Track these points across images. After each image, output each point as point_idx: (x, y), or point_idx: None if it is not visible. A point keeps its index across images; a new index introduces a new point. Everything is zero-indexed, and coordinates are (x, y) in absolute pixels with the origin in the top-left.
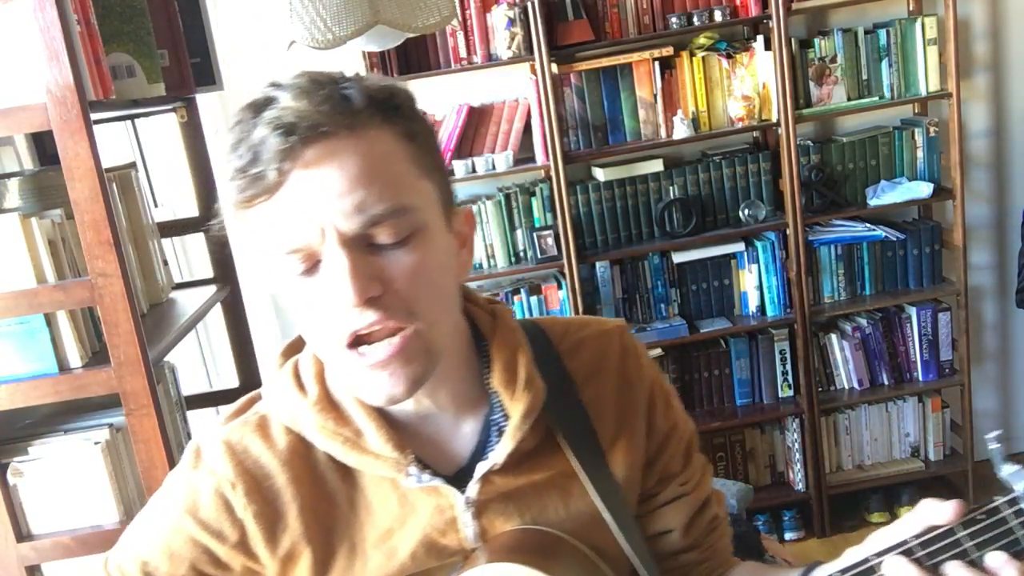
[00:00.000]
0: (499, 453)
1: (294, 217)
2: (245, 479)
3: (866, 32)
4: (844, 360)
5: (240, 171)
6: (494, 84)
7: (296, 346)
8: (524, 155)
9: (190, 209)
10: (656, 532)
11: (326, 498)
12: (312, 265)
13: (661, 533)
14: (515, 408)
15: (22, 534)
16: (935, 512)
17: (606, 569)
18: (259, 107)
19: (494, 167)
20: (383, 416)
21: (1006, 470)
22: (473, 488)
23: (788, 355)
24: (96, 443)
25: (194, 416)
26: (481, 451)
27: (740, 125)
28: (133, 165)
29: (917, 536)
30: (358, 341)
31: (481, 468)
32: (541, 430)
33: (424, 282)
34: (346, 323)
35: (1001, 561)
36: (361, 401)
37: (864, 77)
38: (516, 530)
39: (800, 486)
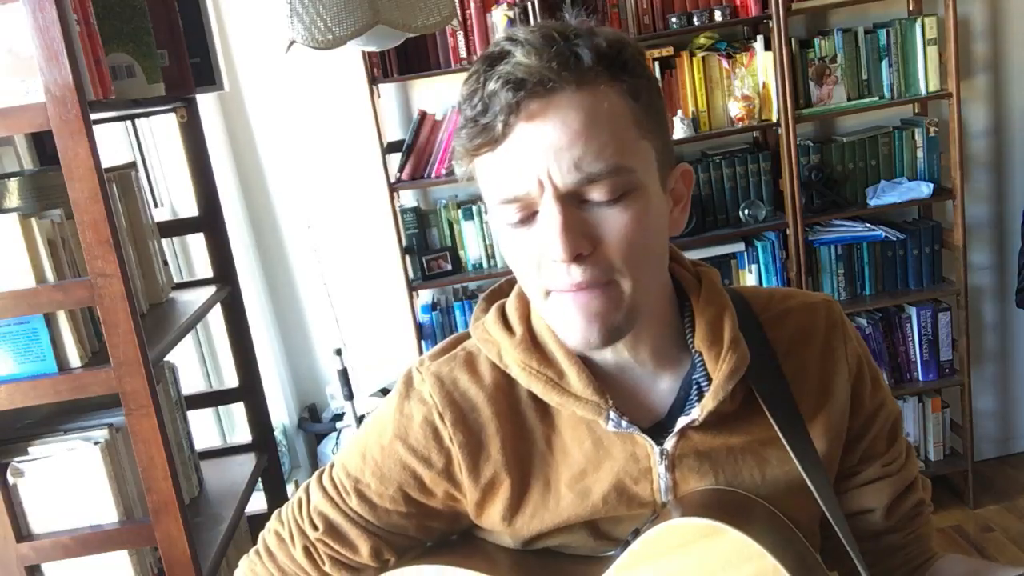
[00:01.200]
0: (700, 410)
1: (514, 167)
2: (453, 410)
3: (866, 32)
4: None
5: (471, 120)
6: None
7: (498, 292)
8: None
9: (190, 209)
10: (856, 511)
11: (526, 435)
12: (528, 215)
13: (861, 512)
14: (719, 368)
15: (22, 534)
16: None
17: (800, 537)
18: (494, 60)
19: None
20: (585, 361)
21: None
22: (670, 441)
23: None
24: (96, 443)
25: (194, 416)
26: (680, 408)
27: (740, 125)
28: (133, 165)
29: None
30: (562, 291)
31: (681, 422)
32: (741, 394)
33: (633, 242)
34: (554, 276)
35: None
36: (564, 345)
37: (864, 77)
38: (710, 489)
39: None
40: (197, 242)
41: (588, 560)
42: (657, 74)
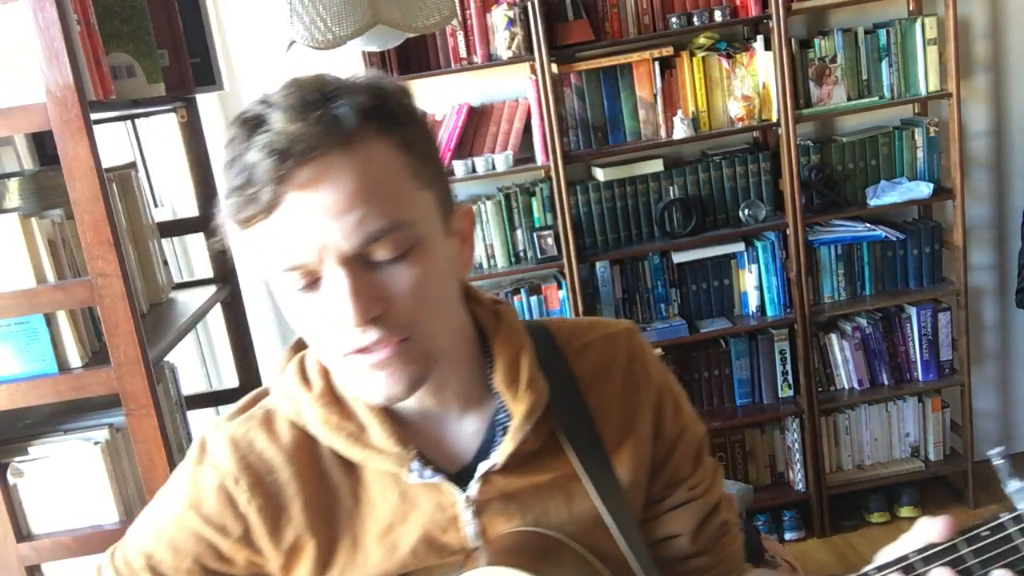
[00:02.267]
0: (500, 453)
1: (291, 237)
2: (248, 474)
3: (866, 32)
4: (844, 360)
5: (236, 191)
6: (494, 84)
7: (302, 342)
8: (524, 155)
9: (190, 209)
10: (664, 537)
11: (329, 492)
12: (312, 281)
13: (669, 538)
14: (517, 408)
15: (22, 534)
16: (931, 529)
17: (606, 573)
18: (251, 127)
19: (494, 167)
20: (387, 412)
21: (1012, 486)
22: (474, 487)
23: (788, 355)
24: (96, 443)
25: (194, 416)
26: (486, 450)
27: (740, 125)
28: (133, 165)
29: (919, 551)
30: (358, 351)
31: (482, 468)
32: (545, 431)
33: (424, 294)
34: (348, 339)
35: None
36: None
37: (864, 77)
38: (517, 531)
39: (800, 486)
40: (197, 242)
41: None
42: (657, 74)
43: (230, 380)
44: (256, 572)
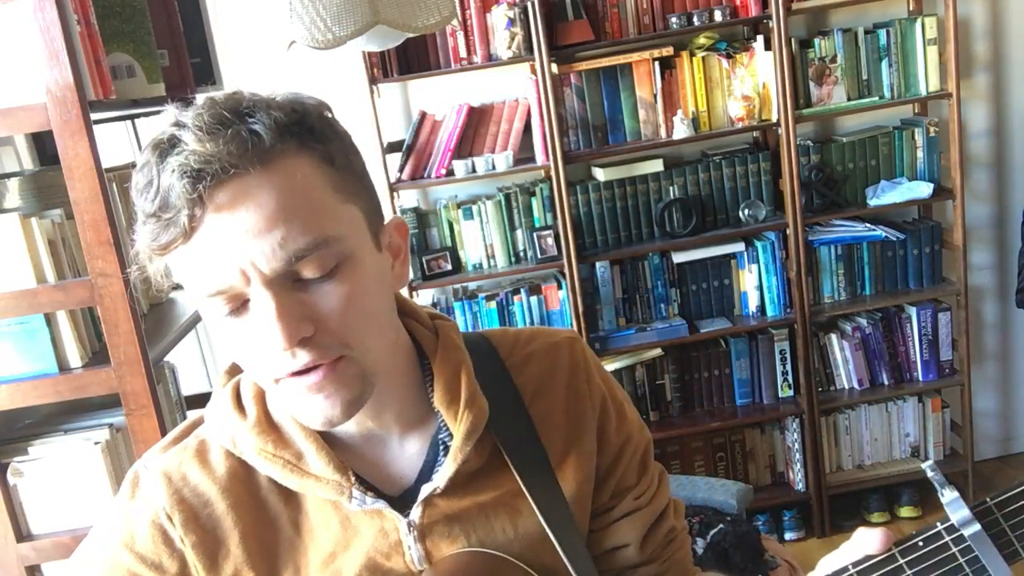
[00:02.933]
0: (441, 476)
1: (212, 260)
2: (182, 508)
3: (866, 32)
4: (844, 360)
5: (152, 216)
6: (494, 84)
7: (238, 367)
8: (524, 155)
9: None
10: (611, 547)
11: (269, 523)
12: (239, 305)
13: (616, 548)
14: (457, 429)
15: (22, 534)
16: (869, 541)
17: None
18: (164, 150)
19: (494, 167)
20: (325, 437)
21: (947, 496)
22: (416, 511)
23: (788, 355)
24: (96, 443)
25: (194, 416)
26: (428, 471)
27: (740, 125)
28: (133, 165)
29: (856, 564)
30: (292, 375)
31: (424, 491)
32: (488, 449)
33: (356, 312)
34: (280, 363)
35: None
36: (302, 423)
37: (864, 77)
38: (462, 553)
39: (800, 486)
40: None
41: None
42: (657, 74)
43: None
44: None
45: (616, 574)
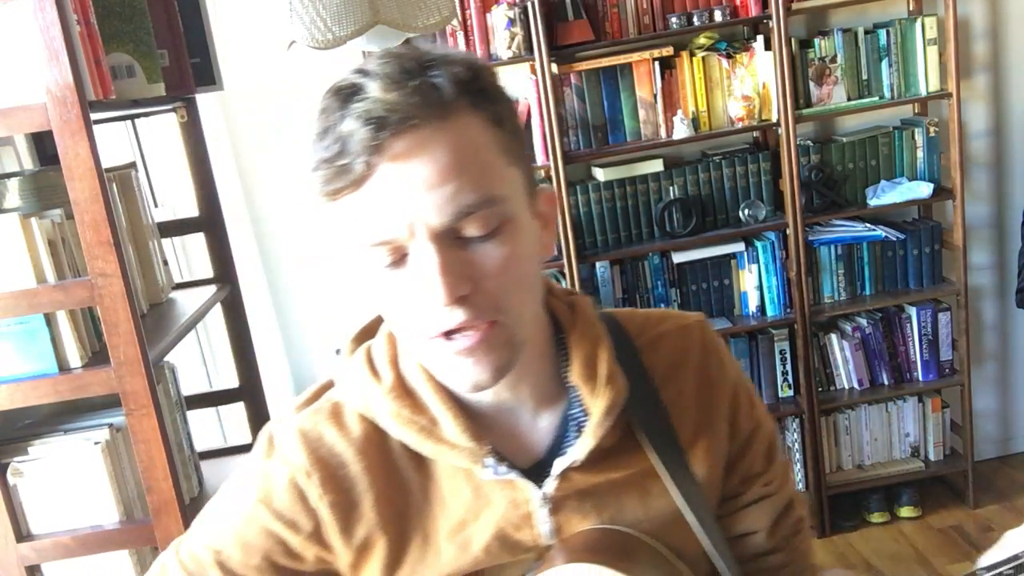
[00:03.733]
0: (579, 450)
1: (382, 210)
2: (320, 468)
3: (866, 32)
4: (844, 360)
5: (326, 162)
6: None
7: (368, 331)
8: None
9: (190, 209)
10: (740, 533)
11: (401, 488)
12: (399, 258)
13: (745, 534)
14: (596, 405)
15: (22, 534)
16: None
17: (685, 570)
18: (346, 96)
19: None
20: (460, 406)
21: None
22: (551, 484)
23: (788, 355)
24: (96, 443)
25: (194, 416)
26: (558, 447)
27: (740, 125)
28: (133, 165)
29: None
30: (445, 334)
31: (560, 464)
32: (620, 428)
33: (512, 275)
34: (434, 320)
35: None
36: (438, 389)
37: (864, 77)
38: (593, 529)
39: (800, 486)
40: (197, 242)
41: None
42: (657, 74)
43: (230, 380)
44: (324, 569)
45: (743, 561)
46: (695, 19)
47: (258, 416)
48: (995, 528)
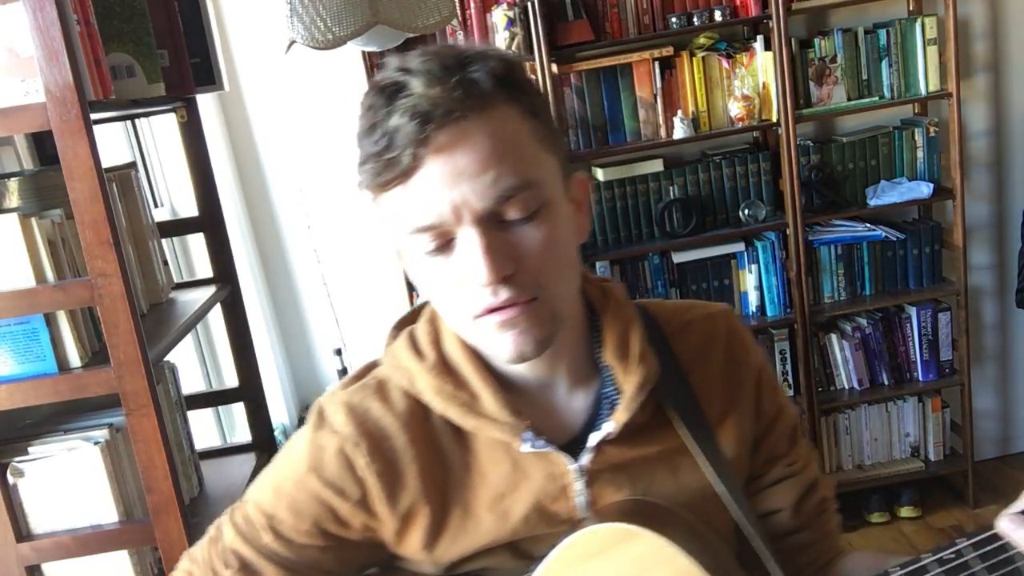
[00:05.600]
0: (614, 423)
1: (428, 197)
2: (367, 439)
3: (866, 32)
4: (844, 360)
5: (376, 156)
6: None
7: (408, 320)
8: None
9: (190, 209)
10: (765, 512)
11: (442, 460)
12: (444, 243)
13: (770, 513)
14: (629, 381)
15: (22, 534)
16: None
17: (717, 541)
18: (391, 93)
19: None
20: (499, 382)
21: None
22: (586, 457)
23: (788, 355)
24: (96, 443)
25: (194, 416)
26: (592, 424)
27: (740, 125)
28: (133, 165)
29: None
30: (490, 311)
31: (595, 437)
32: (651, 406)
33: (552, 255)
34: (479, 299)
35: None
36: (478, 367)
37: (864, 77)
38: (626, 500)
39: None
40: (197, 242)
41: None
42: (657, 74)
43: (230, 380)
44: (370, 537)
45: (769, 540)
46: (695, 19)
47: (258, 416)
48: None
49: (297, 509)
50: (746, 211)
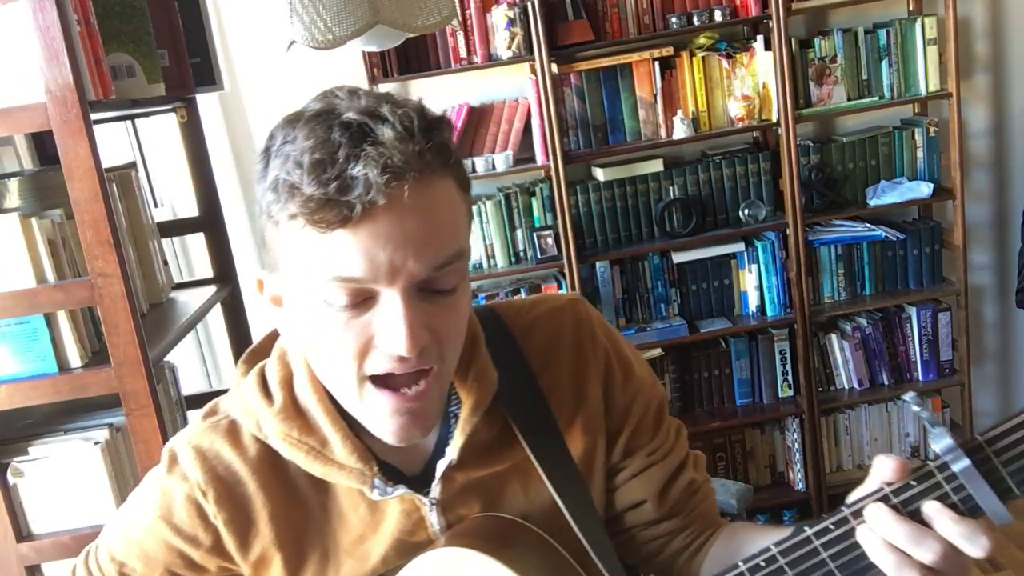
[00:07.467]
0: (452, 449)
1: (367, 252)
2: (216, 486)
3: (866, 32)
4: (844, 360)
5: (322, 194)
6: (494, 84)
7: (258, 352)
8: (524, 155)
9: (190, 209)
10: (629, 505)
11: (299, 505)
12: (359, 300)
13: (634, 505)
14: (465, 401)
15: (22, 534)
16: (884, 468)
17: (563, 552)
18: (356, 136)
19: (494, 167)
20: (349, 426)
21: (936, 432)
22: (435, 489)
23: (788, 355)
24: (96, 443)
25: (194, 416)
26: (443, 444)
27: (740, 125)
28: (133, 165)
29: (851, 503)
30: (382, 378)
31: (440, 467)
32: (499, 420)
33: (459, 330)
34: (380, 363)
35: (935, 509)
36: (329, 409)
37: (864, 77)
38: (476, 517)
39: (800, 486)
40: (197, 242)
41: None
42: (657, 74)
43: (230, 380)
44: None
45: (638, 530)
46: (695, 19)
47: None
48: (994, 528)
49: (147, 557)
50: (746, 211)
